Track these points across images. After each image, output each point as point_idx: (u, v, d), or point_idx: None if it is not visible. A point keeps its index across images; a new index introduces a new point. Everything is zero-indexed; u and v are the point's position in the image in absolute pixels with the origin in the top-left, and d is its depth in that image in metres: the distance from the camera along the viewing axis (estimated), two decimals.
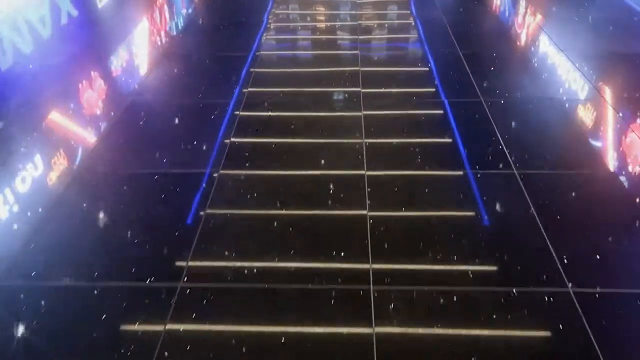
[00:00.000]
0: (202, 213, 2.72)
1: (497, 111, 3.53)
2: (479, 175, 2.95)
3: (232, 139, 3.33)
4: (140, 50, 4.21)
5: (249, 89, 3.90)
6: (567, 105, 3.63)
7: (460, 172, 3.00)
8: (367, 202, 2.77)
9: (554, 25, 4.63)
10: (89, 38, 4.05)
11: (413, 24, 5.19)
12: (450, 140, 3.30)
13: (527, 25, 4.78)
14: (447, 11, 5.16)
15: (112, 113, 3.61)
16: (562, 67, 3.95)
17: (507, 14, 4.96)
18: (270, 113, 3.56)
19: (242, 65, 4.22)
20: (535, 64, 4.13)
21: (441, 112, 3.59)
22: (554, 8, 5.12)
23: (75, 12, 4.00)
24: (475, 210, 2.71)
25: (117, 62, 3.98)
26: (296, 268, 2.39)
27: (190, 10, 5.14)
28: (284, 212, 2.74)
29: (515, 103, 3.62)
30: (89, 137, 3.39)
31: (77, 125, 3.41)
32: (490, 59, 4.22)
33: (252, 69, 4.22)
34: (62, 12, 3.83)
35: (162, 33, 4.61)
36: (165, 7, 5.04)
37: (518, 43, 4.59)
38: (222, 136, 3.38)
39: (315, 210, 2.76)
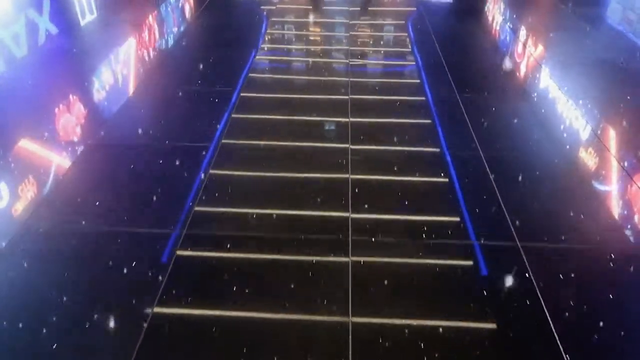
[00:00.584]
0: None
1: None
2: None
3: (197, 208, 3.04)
4: (123, 73, 3.88)
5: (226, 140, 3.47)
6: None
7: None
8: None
9: (559, 69, 4.09)
10: (69, 58, 3.72)
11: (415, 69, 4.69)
12: (458, 219, 2.92)
13: (537, 80, 4.16)
14: (449, 53, 4.74)
15: (88, 141, 3.30)
16: (566, 111, 3.59)
17: (508, 55, 4.64)
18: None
19: (222, 112, 3.77)
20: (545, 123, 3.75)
21: (446, 180, 3.25)
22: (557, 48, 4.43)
23: (55, 30, 3.74)
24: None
25: (98, 85, 3.64)
26: None
27: (181, 29, 4.88)
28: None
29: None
30: (62, 163, 3.10)
31: (50, 152, 3.05)
32: (491, 108, 3.86)
33: (233, 115, 3.78)
34: (40, 29, 3.57)
35: (149, 52, 4.31)
36: (155, 26, 4.69)
37: (523, 91, 4.20)
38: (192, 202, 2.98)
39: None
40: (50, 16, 3.72)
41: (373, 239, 2.67)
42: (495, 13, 4.89)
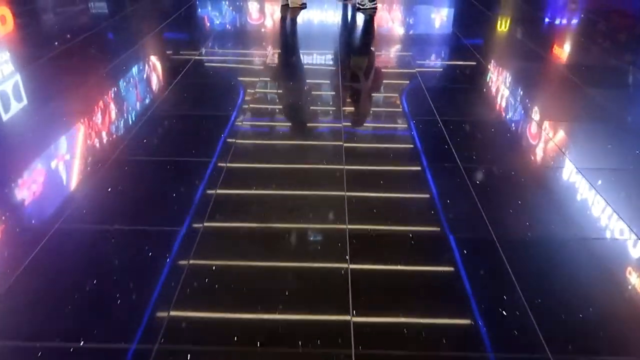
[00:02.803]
0: None
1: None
2: None
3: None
4: (62, 178, 2.90)
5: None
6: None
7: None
8: None
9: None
10: None
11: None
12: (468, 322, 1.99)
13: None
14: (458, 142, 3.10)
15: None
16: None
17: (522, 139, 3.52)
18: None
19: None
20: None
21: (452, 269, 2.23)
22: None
23: None
24: None
25: (27, 193, 2.70)
26: None
27: (146, 101, 3.91)
28: None
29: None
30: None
31: None
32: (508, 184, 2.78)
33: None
34: None
35: (101, 137, 3.34)
36: (112, 104, 3.81)
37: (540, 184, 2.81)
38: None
39: None
40: None
41: None
42: (501, 86, 4.25)
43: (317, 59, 5.16)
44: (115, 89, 4.15)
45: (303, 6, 6.68)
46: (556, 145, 3.34)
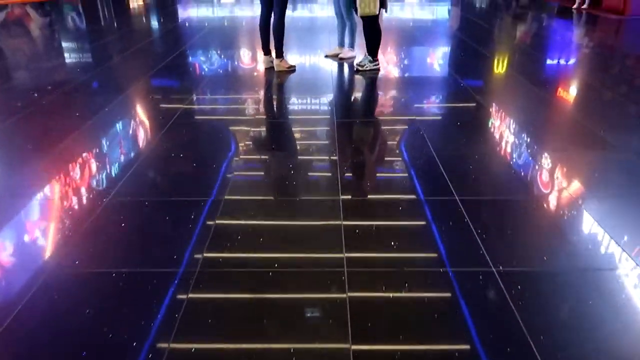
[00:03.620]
0: None
1: None
2: None
3: None
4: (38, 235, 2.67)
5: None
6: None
7: None
8: None
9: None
10: None
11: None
12: None
13: None
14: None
15: None
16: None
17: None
18: None
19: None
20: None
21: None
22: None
23: None
24: None
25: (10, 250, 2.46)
26: None
27: (132, 162, 3.48)
28: None
29: None
30: None
31: None
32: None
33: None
34: None
35: (81, 203, 2.98)
36: (86, 166, 3.43)
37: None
38: None
39: None
40: None
41: None
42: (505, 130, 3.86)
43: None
44: (93, 148, 3.85)
45: (292, 69, 5.91)
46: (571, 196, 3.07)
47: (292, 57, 6.50)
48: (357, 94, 5.59)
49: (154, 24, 10.99)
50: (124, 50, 7.42)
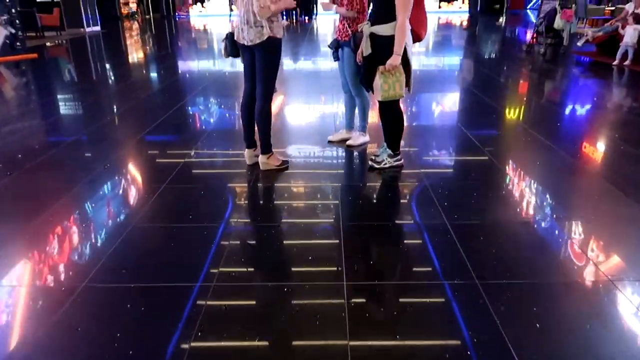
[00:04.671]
0: None
1: None
2: None
3: None
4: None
5: None
6: None
7: None
8: None
9: None
10: None
11: None
12: None
13: None
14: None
15: None
16: None
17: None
18: None
19: None
20: None
21: None
22: None
23: None
24: None
25: None
26: None
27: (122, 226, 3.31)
28: None
29: None
30: None
31: None
32: None
33: None
34: None
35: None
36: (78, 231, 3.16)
37: None
38: None
39: None
40: None
41: None
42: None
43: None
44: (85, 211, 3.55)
45: (283, 167, 4.47)
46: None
47: (285, 147, 5.05)
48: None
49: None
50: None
